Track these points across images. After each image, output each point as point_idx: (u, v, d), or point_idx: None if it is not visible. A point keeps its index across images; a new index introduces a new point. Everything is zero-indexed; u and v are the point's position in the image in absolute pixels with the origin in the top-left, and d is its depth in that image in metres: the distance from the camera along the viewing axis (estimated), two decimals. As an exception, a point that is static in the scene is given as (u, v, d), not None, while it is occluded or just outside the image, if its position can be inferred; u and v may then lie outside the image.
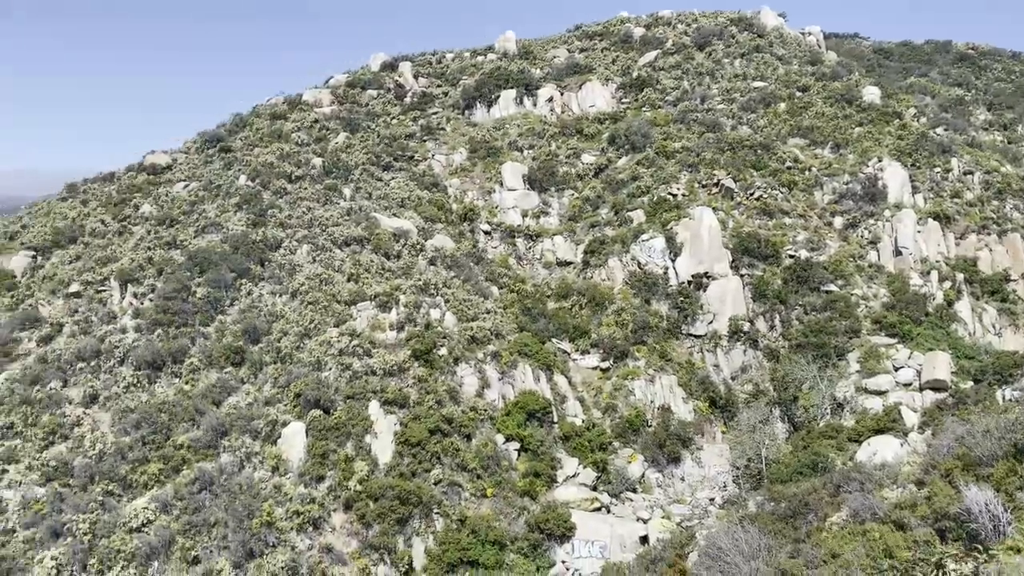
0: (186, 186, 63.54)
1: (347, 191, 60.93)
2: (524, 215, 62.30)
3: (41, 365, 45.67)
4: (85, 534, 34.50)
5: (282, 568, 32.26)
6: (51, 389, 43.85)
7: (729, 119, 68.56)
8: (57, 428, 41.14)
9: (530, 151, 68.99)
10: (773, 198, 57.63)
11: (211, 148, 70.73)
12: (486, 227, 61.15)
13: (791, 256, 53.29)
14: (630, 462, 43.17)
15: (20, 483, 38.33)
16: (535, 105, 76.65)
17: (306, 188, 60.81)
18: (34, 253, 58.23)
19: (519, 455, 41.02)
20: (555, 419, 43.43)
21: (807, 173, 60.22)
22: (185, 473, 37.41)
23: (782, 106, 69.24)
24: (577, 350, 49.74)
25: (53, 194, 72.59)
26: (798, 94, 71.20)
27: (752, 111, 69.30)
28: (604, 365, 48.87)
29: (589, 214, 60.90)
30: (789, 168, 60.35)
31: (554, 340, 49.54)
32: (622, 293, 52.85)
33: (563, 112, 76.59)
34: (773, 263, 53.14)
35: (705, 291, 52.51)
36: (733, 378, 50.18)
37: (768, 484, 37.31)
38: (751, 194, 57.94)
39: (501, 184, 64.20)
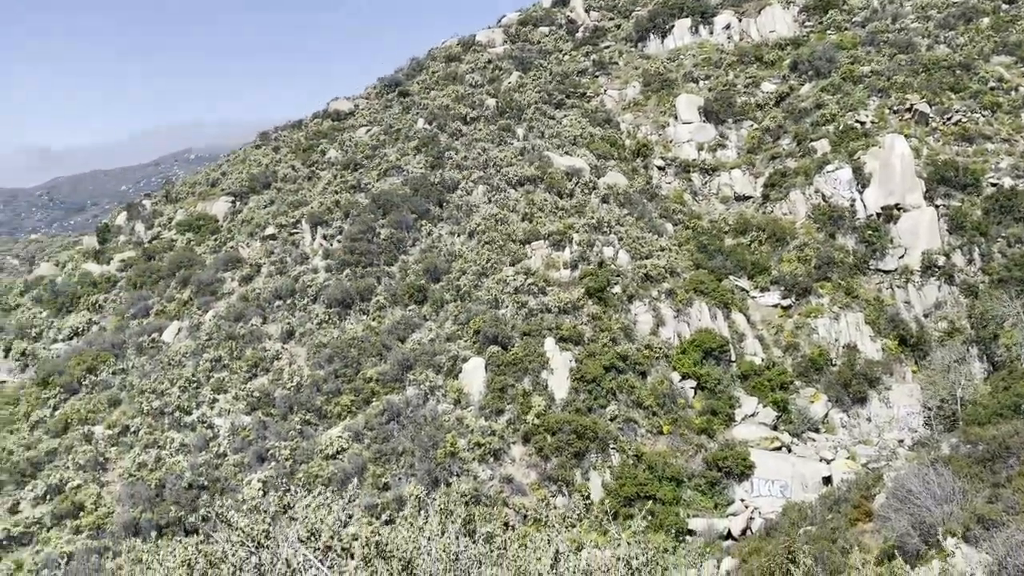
0: (368, 131, 65.97)
1: (520, 131, 61.37)
2: (700, 149, 60.68)
3: (243, 303, 49.30)
4: (287, 459, 37.37)
5: (466, 496, 33.72)
6: (252, 325, 47.31)
7: (924, 38, 63.56)
8: (259, 361, 44.44)
9: (706, 82, 66.78)
10: (973, 122, 53.25)
11: (390, 93, 72.87)
12: (660, 162, 60.06)
13: (993, 185, 49.27)
14: (812, 402, 41.94)
15: (229, 411, 41.84)
16: (711, 33, 73.89)
17: (480, 129, 61.72)
18: (233, 198, 62.48)
19: (695, 393, 40.72)
20: (733, 358, 42.69)
21: (1013, 94, 55.10)
22: (374, 405, 39.62)
23: (985, 21, 63.44)
24: (756, 287, 48.43)
25: (248, 142, 77.33)
26: (1004, 7, 65.00)
27: (950, 28, 63.90)
28: (785, 303, 47.37)
29: (769, 145, 58.57)
30: (992, 89, 55.43)
31: (731, 277, 48.42)
32: (805, 227, 50.78)
33: (741, 39, 73.47)
34: (972, 192, 49.34)
35: (895, 224, 49.56)
36: (926, 315, 47.37)
37: (964, 426, 35.28)
38: (948, 119, 53.78)
39: (675, 117, 62.67)
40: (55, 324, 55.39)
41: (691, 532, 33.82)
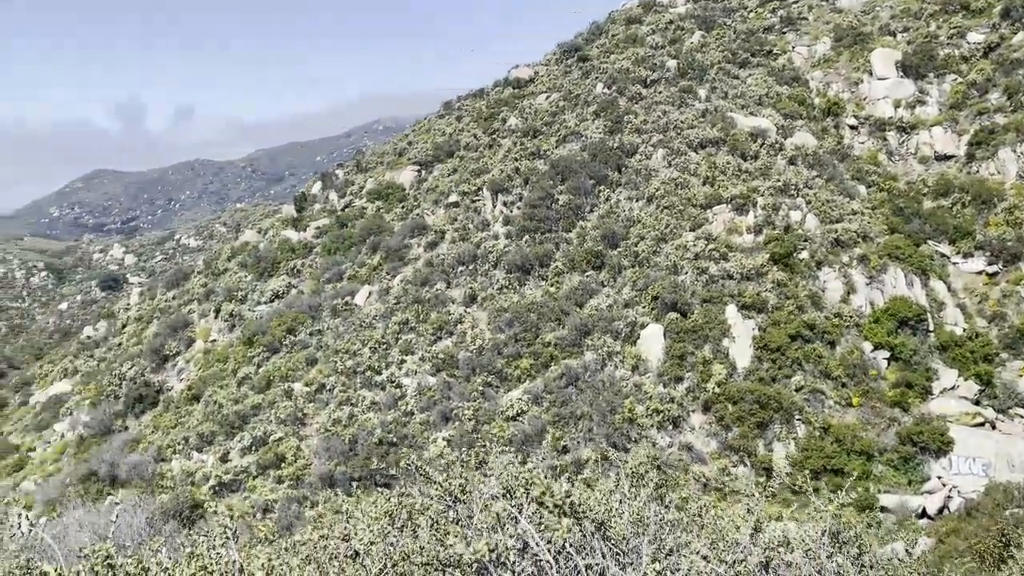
0: (547, 97, 66.24)
1: (702, 92, 59.74)
2: (896, 106, 56.94)
3: (428, 268, 51.06)
4: (470, 419, 38.60)
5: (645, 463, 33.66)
6: (437, 290, 48.95)
7: None
8: (443, 325, 45.98)
9: (904, 34, 62.42)
10: None
11: (569, 58, 72.76)
12: (852, 121, 56.86)
13: None
14: (1021, 375, 38.86)
15: (416, 372, 43.61)
16: (911, -19, 68.88)
17: (661, 92, 60.57)
18: (419, 167, 64.58)
19: (888, 364, 38.63)
20: (930, 327, 40.14)
21: None
22: (553, 369, 40.15)
23: None
24: (958, 253, 45.17)
25: (433, 112, 79.53)
26: None
27: None
28: (991, 269, 43.93)
29: (975, 100, 54.13)
30: None
31: (930, 242, 45.38)
32: (1015, 188, 46.77)
33: (945, -14, 68.07)
34: None
35: (1124, 183, 44.82)
36: None
37: None
38: None
39: (870, 73, 59.04)
40: (258, 287, 59.44)
41: (883, 508, 32.33)
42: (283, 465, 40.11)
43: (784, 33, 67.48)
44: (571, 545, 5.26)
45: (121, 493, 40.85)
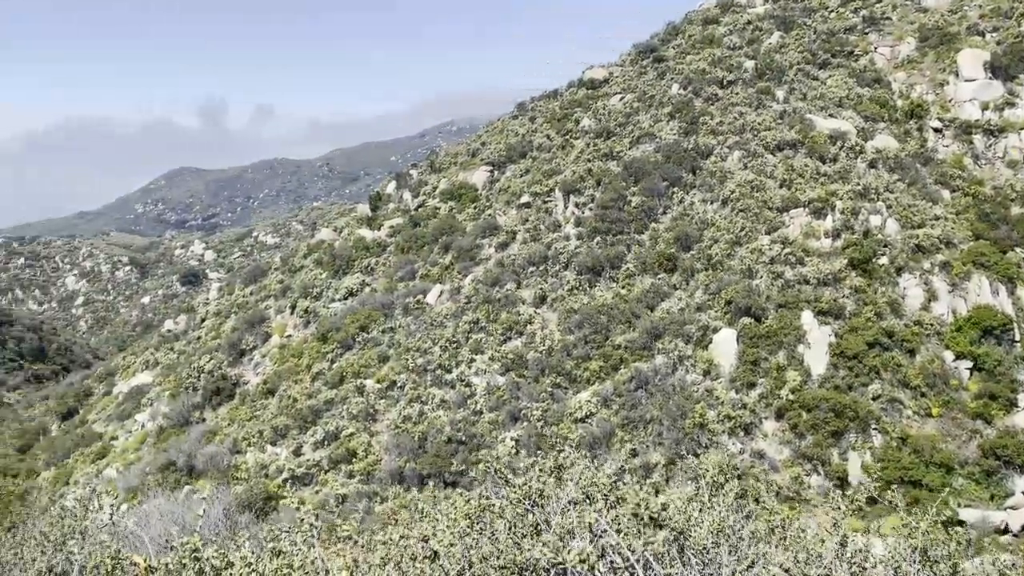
0: (622, 98, 65.87)
1: (780, 93, 58.70)
2: (984, 108, 55.04)
3: (499, 268, 51.25)
4: (538, 420, 38.62)
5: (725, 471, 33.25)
6: (507, 290, 49.10)
7: None
8: (513, 325, 46.09)
9: (994, 34, 60.31)
10: None
11: (645, 59, 72.21)
12: (936, 124, 55.17)
13: None
14: (1114, 391, 37.21)
15: (485, 371, 43.81)
16: (1002, -21, 66.55)
17: (737, 93, 59.70)
18: (491, 168, 64.84)
19: (971, 375, 37.41)
20: (1017, 337, 38.74)
21: None
22: (623, 372, 39.92)
23: None
24: (1048, 261, 43.49)
25: (506, 113, 79.77)
26: None
27: None
28: (1083, 279, 42.22)
29: (1069, 103, 52.06)
30: None
31: (1017, 249, 43.78)
32: (1111, 195, 44.86)
33: (1038, -16, 65.58)
34: None
35: None
36: None
37: None
38: None
39: (956, 75, 57.20)
40: (333, 285, 60.43)
41: (961, 523, 31.30)
42: (354, 460, 40.70)
43: (866, 33, 65.82)
44: (651, 554, 5.21)
45: (198, 483, 41.99)
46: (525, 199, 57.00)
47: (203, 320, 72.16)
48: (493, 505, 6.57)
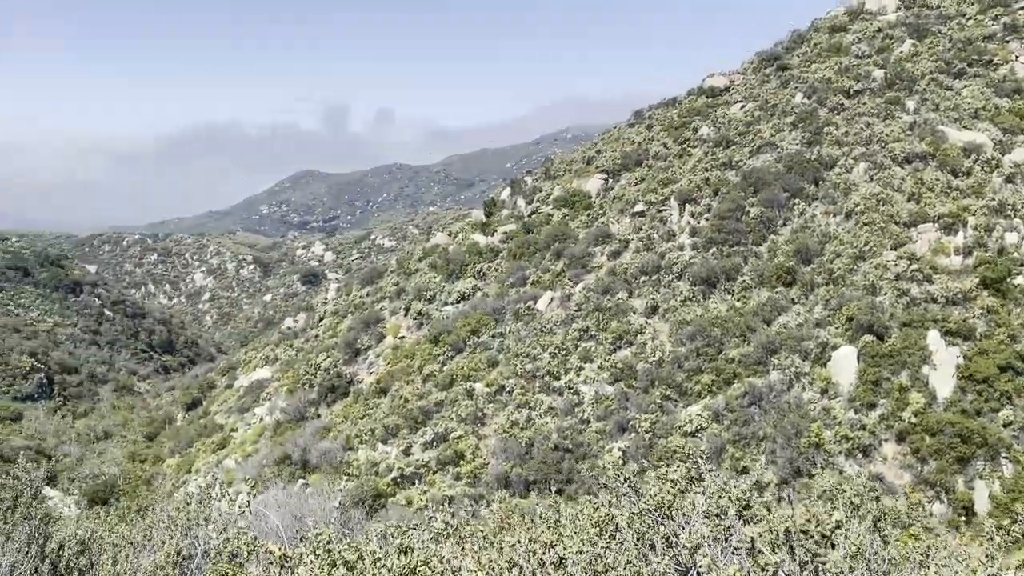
0: (742, 107, 64.60)
1: (911, 104, 56.37)
2: None
3: (611, 277, 50.93)
4: (646, 432, 38.14)
5: (830, 490, 32.10)
6: (619, 299, 48.72)
7: None
8: (623, 334, 45.70)
9: None
10: None
11: (768, 67, 70.64)
12: (1083, 137, 51.88)
13: None
14: None
15: (594, 380, 43.57)
16: None
17: (865, 103, 57.69)
18: (606, 176, 64.59)
19: (1115, 405, 34.95)
20: None
21: None
22: (736, 386, 39.03)
23: None
24: None
25: (623, 121, 79.37)
26: None
27: None
28: None
29: None
30: None
31: None
32: None
33: None
34: None
35: None
36: None
37: None
38: None
39: (1107, 85, 53.74)
40: (446, 288, 61.31)
41: (1100, 564, 29.26)
42: (462, 462, 41.11)
43: (1007, 42, 62.56)
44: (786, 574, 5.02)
45: (311, 477, 43.20)
46: (639, 207, 56.50)
47: (321, 319, 74.36)
48: (621, 514, 6.45)
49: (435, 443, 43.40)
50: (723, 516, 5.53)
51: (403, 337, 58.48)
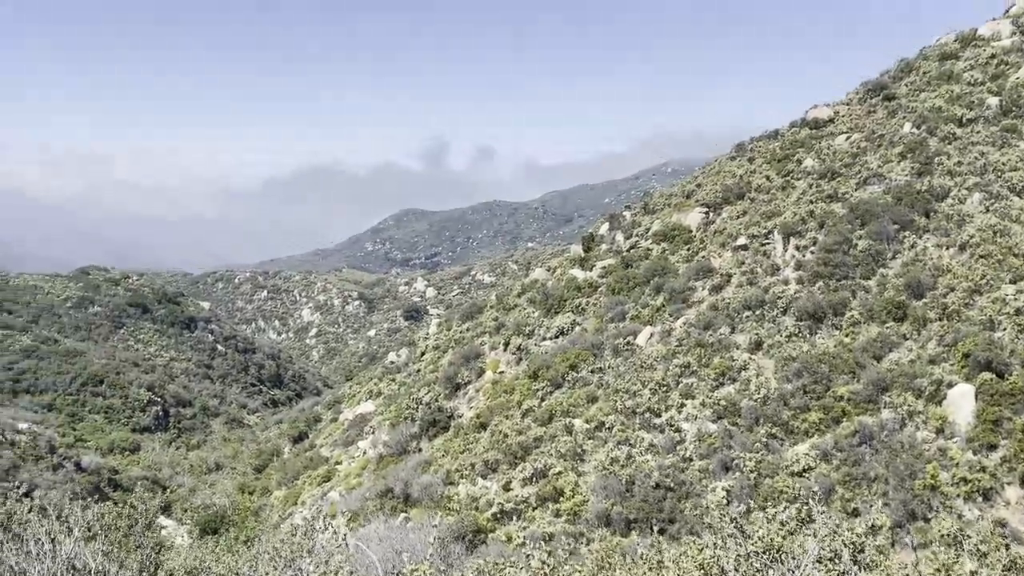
0: (848, 138, 63.09)
1: (1029, 130, 53.96)
2: None
3: (712, 312, 50.09)
4: (751, 471, 37.12)
5: (948, 535, 30.57)
6: (721, 334, 47.84)
7: None
8: (726, 370, 44.78)
9: None
10: None
11: (874, 97, 68.89)
12: None
13: None
14: None
15: (696, 417, 42.76)
16: None
17: (979, 131, 55.53)
18: (707, 209, 63.81)
19: None
20: None
21: None
22: (845, 425, 37.68)
23: None
24: None
25: (723, 154, 78.47)
26: None
27: None
28: None
29: None
30: None
31: None
32: None
33: None
34: None
35: None
36: None
37: None
38: None
39: None
40: (544, 323, 61.42)
41: None
42: (561, 499, 40.80)
43: None
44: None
45: (412, 511, 43.59)
46: (742, 241, 55.55)
47: (423, 354, 75.43)
48: (727, 556, 6.24)
49: (534, 479, 43.25)
50: (837, 560, 5.30)
51: (502, 372, 58.73)
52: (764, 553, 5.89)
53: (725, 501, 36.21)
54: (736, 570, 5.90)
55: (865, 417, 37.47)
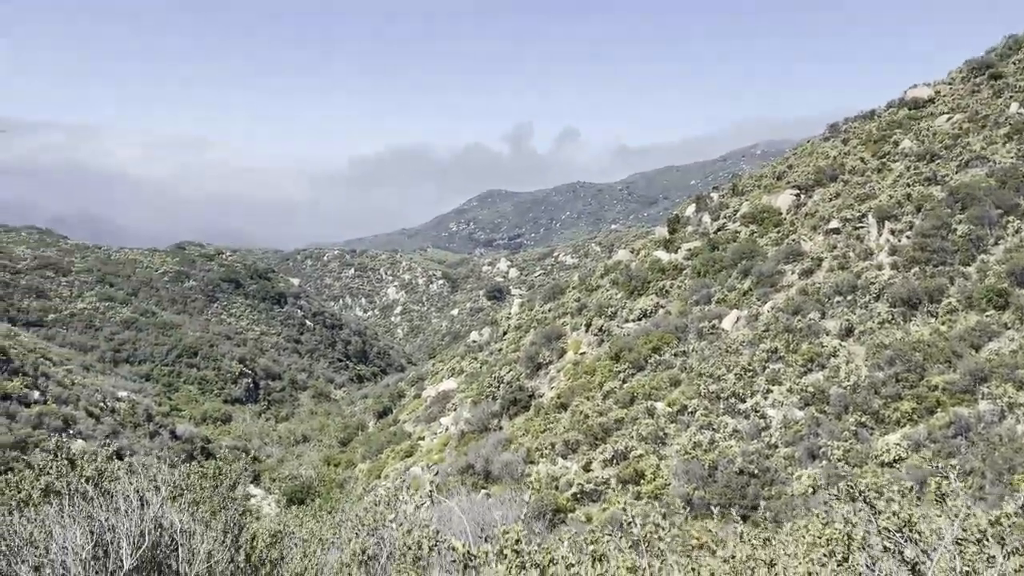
0: (949, 118, 60.59)
1: None
2: None
3: (802, 297, 48.90)
4: (839, 460, 36.21)
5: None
6: (810, 320, 46.69)
7: None
8: (815, 357, 43.71)
9: None
10: None
11: (978, 76, 65.93)
12: None
13: None
14: None
15: (782, 404, 41.91)
16: None
17: (1092, 110, 52.64)
18: (798, 191, 62.22)
19: None
20: None
21: None
22: (939, 415, 36.40)
23: None
24: None
25: (815, 135, 76.35)
26: None
27: None
28: None
29: None
30: None
31: None
32: None
33: None
34: None
35: None
36: None
37: None
38: None
39: None
40: (627, 305, 60.95)
41: None
42: (642, 482, 40.55)
43: None
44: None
45: (492, 488, 43.93)
46: (834, 224, 54.00)
47: (505, 333, 75.78)
48: (856, 533, 5.91)
49: (615, 460, 43.08)
50: (985, 543, 4.99)
51: (583, 353, 58.57)
52: (899, 531, 5.57)
53: (811, 490, 35.47)
54: (864, 546, 5.56)
55: (961, 408, 36.12)
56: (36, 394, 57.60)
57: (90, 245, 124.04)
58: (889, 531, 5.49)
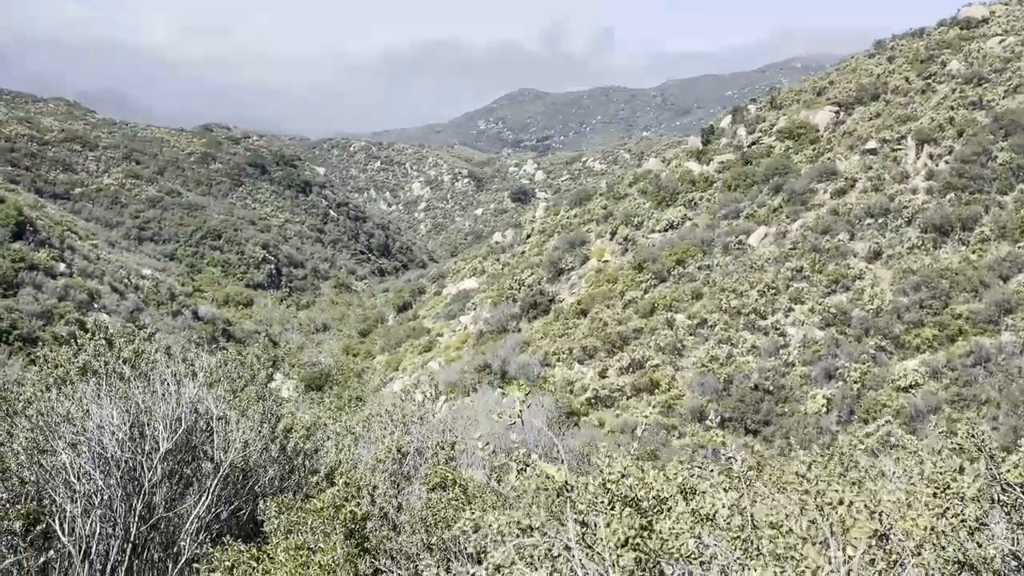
0: (1002, 41, 58.38)
1: None
2: None
3: (832, 217, 48.28)
4: (855, 382, 36.35)
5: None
6: (838, 240, 46.21)
7: None
8: (840, 278, 43.43)
9: None
10: None
11: (1037, -4, 63.20)
12: None
13: None
14: None
15: (803, 323, 41.87)
16: None
17: None
18: (837, 108, 60.74)
19: None
20: None
21: None
22: (960, 344, 36.29)
23: None
24: None
25: (860, 51, 74.05)
26: None
27: None
28: None
29: None
30: None
31: None
32: None
33: None
34: None
35: None
36: None
37: None
38: None
39: None
40: (654, 215, 60.48)
41: None
42: (656, 391, 41.00)
43: None
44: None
45: (508, 388, 44.57)
46: (871, 144, 52.85)
47: (528, 236, 75.64)
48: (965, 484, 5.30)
49: (631, 369, 43.48)
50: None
51: (607, 261, 58.47)
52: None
53: (825, 409, 35.75)
54: (975, 499, 5.06)
55: (983, 338, 35.97)
56: (62, 266, 58.38)
57: (117, 121, 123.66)
58: (1011, 486, 5.03)
